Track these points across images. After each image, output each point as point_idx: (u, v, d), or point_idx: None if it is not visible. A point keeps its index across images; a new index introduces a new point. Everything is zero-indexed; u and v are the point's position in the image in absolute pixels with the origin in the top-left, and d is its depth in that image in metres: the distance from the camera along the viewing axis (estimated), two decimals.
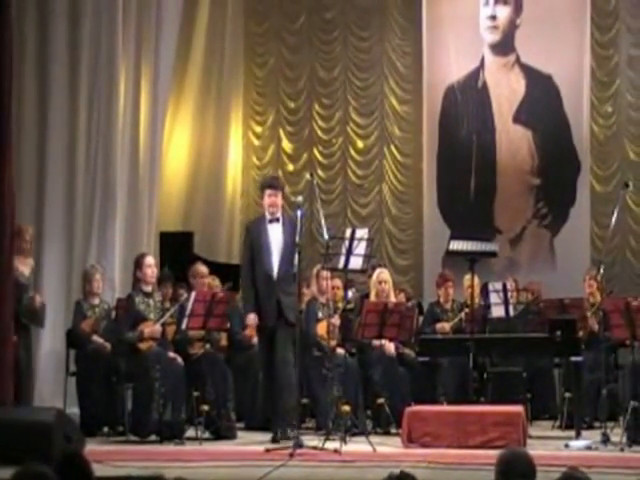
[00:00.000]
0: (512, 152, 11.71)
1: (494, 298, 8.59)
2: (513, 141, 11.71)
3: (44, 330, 8.09)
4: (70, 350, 8.21)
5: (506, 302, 8.55)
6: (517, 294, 9.15)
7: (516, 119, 11.70)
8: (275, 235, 7.33)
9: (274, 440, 7.00)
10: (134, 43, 9.68)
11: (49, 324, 8.13)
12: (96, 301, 8.20)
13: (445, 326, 8.64)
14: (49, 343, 8.44)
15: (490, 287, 8.64)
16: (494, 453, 3.63)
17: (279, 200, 7.36)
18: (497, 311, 8.58)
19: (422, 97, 11.96)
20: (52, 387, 8.30)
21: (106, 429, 7.91)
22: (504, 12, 11.78)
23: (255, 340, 7.91)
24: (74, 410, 7.86)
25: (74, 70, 9.13)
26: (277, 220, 7.35)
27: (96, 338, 8.01)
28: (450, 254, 8.43)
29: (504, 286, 8.62)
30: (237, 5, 12.17)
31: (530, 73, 11.67)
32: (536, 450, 6.07)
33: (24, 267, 7.88)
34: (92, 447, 6.47)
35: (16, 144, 8.01)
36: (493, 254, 8.36)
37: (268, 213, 7.38)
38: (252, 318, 7.35)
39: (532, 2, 11.70)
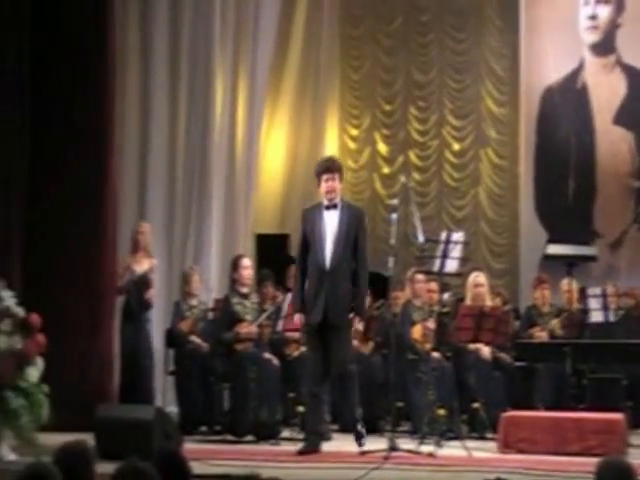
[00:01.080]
0: (612, 154, 11.47)
1: (593, 303, 8.43)
2: (613, 143, 11.47)
3: None
4: (169, 350, 8.37)
5: (605, 307, 8.39)
6: (617, 299, 8.96)
7: (617, 120, 11.45)
8: (331, 223, 6.58)
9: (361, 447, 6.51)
10: (232, 45, 9.82)
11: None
12: (194, 302, 8.32)
13: (542, 335, 8.49)
14: None
15: (589, 292, 8.49)
16: (593, 461, 3.57)
17: (337, 184, 6.60)
18: (596, 316, 8.41)
19: (519, 99, 11.82)
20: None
21: (204, 428, 8.02)
22: (605, 11, 11.55)
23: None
24: (172, 408, 8.00)
25: (174, 71, 9.32)
26: (334, 207, 6.62)
27: (194, 338, 8.13)
28: (548, 258, 8.30)
29: (603, 291, 8.45)
30: (333, 9, 12.22)
31: (632, 73, 11.41)
32: (637, 459, 5.92)
33: (137, 265, 8.09)
34: (190, 445, 6.57)
35: (118, 149, 8.22)
36: (592, 259, 8.19)
37: (326, 199, 6.63)
38: (297, 318, 6.72)
39: (635, 0, 11.44)
